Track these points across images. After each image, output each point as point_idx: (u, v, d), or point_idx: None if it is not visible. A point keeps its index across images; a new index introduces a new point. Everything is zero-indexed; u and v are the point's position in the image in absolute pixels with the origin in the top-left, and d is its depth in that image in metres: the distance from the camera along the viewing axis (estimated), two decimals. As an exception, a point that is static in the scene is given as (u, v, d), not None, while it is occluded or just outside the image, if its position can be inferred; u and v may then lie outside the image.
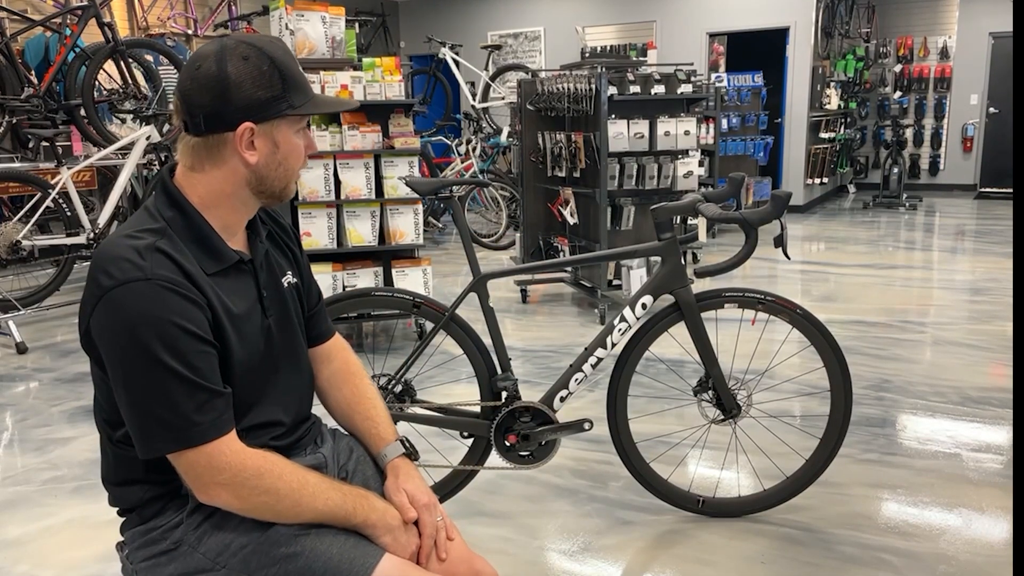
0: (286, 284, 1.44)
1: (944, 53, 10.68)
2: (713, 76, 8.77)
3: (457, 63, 8.89)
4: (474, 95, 8.83)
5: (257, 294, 1.36)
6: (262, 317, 1.36)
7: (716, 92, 8.02)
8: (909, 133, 10.82)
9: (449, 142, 8.17)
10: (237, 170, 1.28)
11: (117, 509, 1.37)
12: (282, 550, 1.26)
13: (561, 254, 5.30)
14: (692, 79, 5.11)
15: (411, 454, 1.52)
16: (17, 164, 5.49)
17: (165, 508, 1.31)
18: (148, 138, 5.20)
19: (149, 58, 6.44)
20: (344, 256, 4.33)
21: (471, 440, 2.43)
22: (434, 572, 1.35)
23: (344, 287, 4.22)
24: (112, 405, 1.26)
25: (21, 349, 4.51)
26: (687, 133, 4.92)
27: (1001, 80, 10.37)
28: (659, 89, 4.97)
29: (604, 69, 4.74)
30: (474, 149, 7.85)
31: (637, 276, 4.84)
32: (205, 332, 1.22)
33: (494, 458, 2.40)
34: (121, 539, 1.38)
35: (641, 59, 7.47)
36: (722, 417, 2.41)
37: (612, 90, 4.80)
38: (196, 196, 1.29)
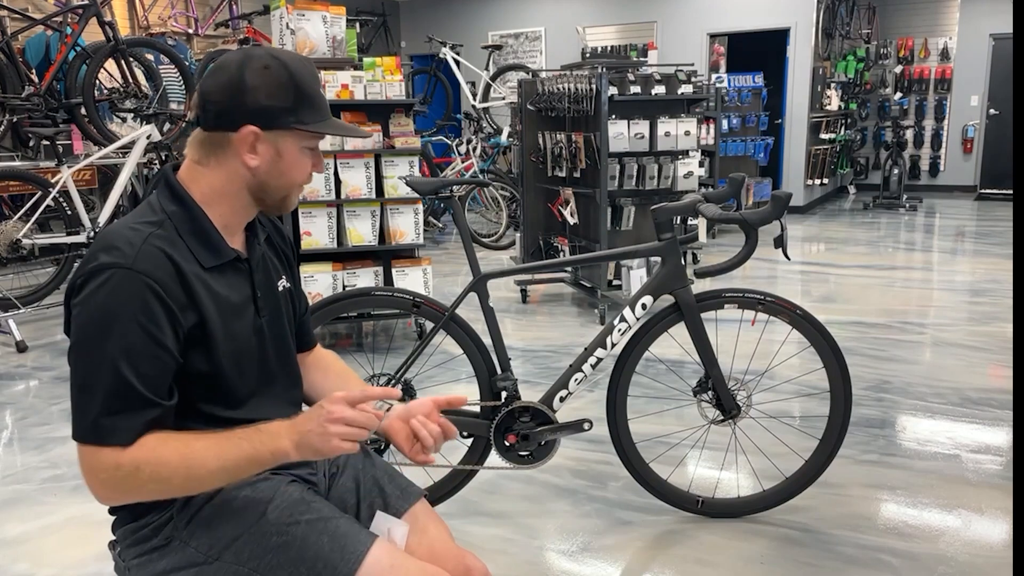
0: (280, 288, 1.46)
1: (944, 54, 10.68)
2: (713, 77, 8.76)
3: (458, 63, 8.89)
4: (474, 95, 8.82)
5: (251, 293, 1.38)
6: (255, 316, 1.38)
7: (716, 93, 8.02)
8: (909, 134, 10.82)
9: (449, 142, 8.17)
10: (239, 171, 1.31)
11: (108, 507, 1.37)
12: (273, 540, 1.27)
13: (561, 254, 5.30)
14: (692, 80, 5.11)
15: None
16: (17, 163, 5.50)
17: (155, 504, 1.30)
18: (149, 137, 5.20)
19: (150, 57, 6.45)
20: (344, 255, 4.32)
21: (471, 440, 2.43)
22: (425, 565, 1.34)
23: (344, 286, 4.22)
24: None
25: (21, 347, 4.51)
26: (687, 133, 4.92)
27: (1001, 81, 10.37)
28: (659, 89, 4.97)
29: (604, 69, 4.74)
30: (474, 149, 7.85)
31: (637, 276, 4.84)
32: (166, 339, 1.20)
33: (494, 458, 2.40)
34: (113, 538, 1.38)
35: (641, 59, 7.48)
36: (722, 418, 2.41)
37: (612, 90, 4.80)
38: (199, 191, 1.31)
